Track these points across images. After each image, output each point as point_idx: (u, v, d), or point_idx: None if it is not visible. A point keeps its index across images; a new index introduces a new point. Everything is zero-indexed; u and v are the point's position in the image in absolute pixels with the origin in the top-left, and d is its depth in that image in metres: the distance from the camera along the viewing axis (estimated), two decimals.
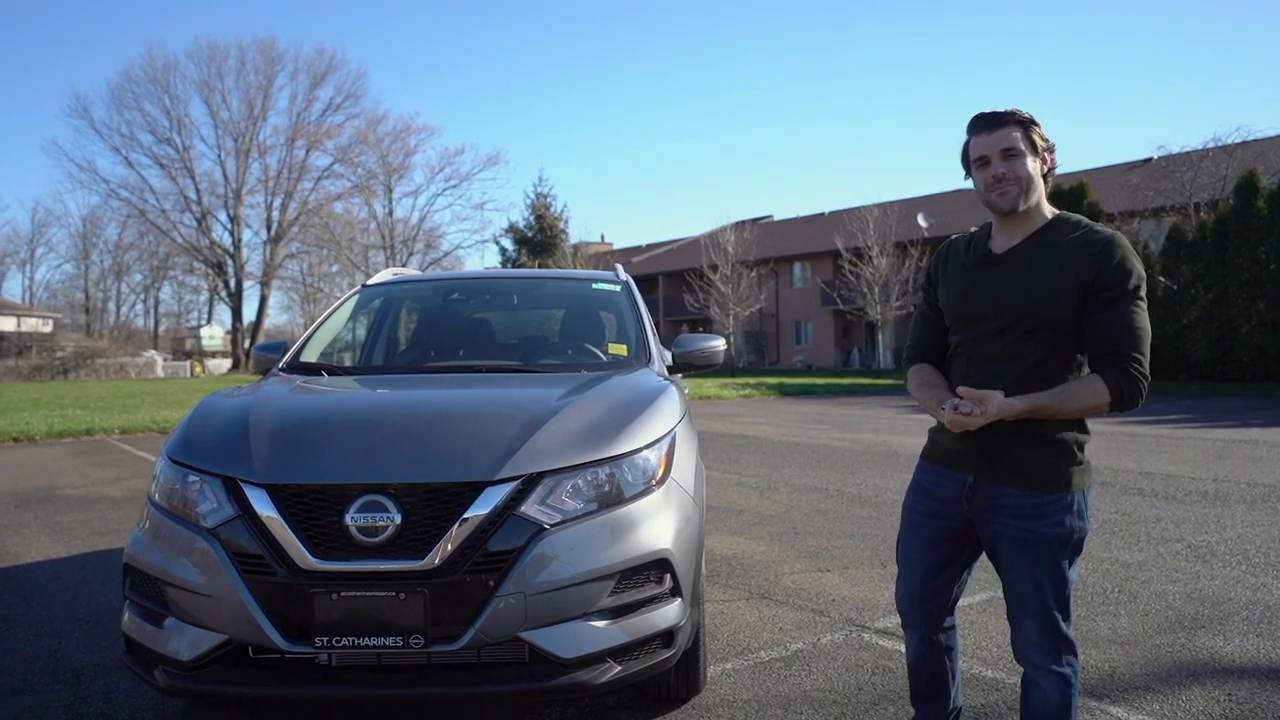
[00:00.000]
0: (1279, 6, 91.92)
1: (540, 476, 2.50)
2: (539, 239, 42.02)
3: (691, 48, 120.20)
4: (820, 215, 48.87)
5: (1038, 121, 2.12)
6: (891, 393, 21.58)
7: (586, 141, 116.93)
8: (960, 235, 2.35)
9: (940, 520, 2.26)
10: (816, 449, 10.42)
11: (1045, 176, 2.16)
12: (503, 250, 43.91)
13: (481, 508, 2.41)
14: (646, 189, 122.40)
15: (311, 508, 2.43)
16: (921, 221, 35.76)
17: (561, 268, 35.56)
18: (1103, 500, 6.68)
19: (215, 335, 64.13)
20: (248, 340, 55.80)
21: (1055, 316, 2.08)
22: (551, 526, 2.45)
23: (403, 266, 41.65)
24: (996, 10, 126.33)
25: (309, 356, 3.90)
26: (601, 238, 59.94)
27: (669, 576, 2.59)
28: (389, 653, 2.39)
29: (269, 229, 57.96)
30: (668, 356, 4.04)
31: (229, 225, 57.66)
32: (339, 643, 2.35)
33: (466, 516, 2.40)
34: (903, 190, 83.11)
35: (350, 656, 2.42)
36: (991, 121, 2.12)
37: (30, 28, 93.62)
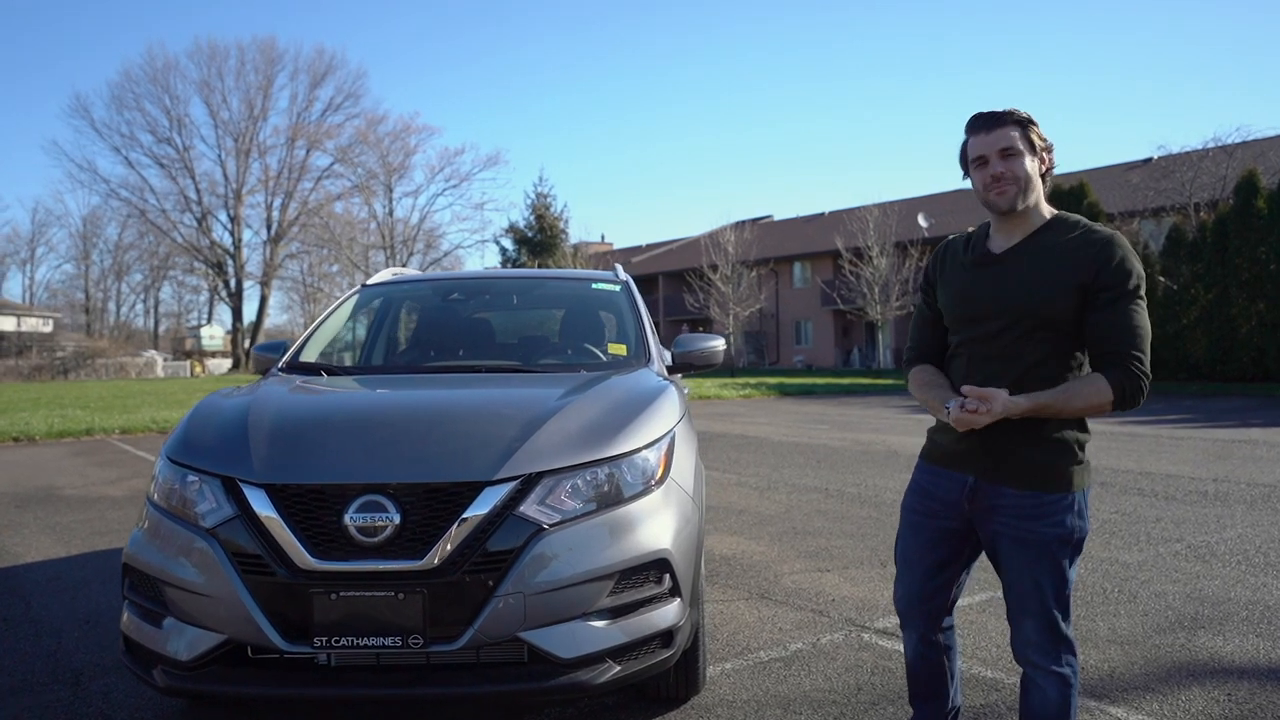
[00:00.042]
0: (1279, 6, 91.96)
1: (539, 476, 2.50)
2: (539, 239, 42.01)
3: (691, 48, 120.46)
4: (820, 215, 48.88)
5: (1036, 121, 2.12)
6: (891, 393, 21.57)
7: (586, 141, 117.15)
8: (958, 235, 2.35)
9: (940, 520, 2.26)
10: (816, 449, 10.42)
11: (1043, 176, 2.16)
12: (503, 250, 43.89)
13: (480, 508, 2.41)
14: (646, 189, 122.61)
15: (310, 508, 2.43)
16: (922, 221, 35.76)
17: (561, 268, 35.54)
18: (1103, 500, 6.68)
19: (215, 335, 64.15)
20: (248, 340, 55.79)
21: (1055, 316, 2.08)
22: (550, 526, 2.45)
23: (403, 266, 41.64)
24: (996, 10, 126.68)
25: (308, 356, 3.90)
26: (602, 238, 60.02)
27: (668, 576, 2.58)
28: (388, 653, 2.39)
29: (269, 229, 58.07)
30: (667, 356, 4.04)
31: (229, 225, 57.79)
32: (338, 643, 2.35)
33: (465, 516, 2.40)
34: (903, 190, 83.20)
35: (349, 656, 2.42)
36: (990, 121, 2.12)
37: (30, 28, 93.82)
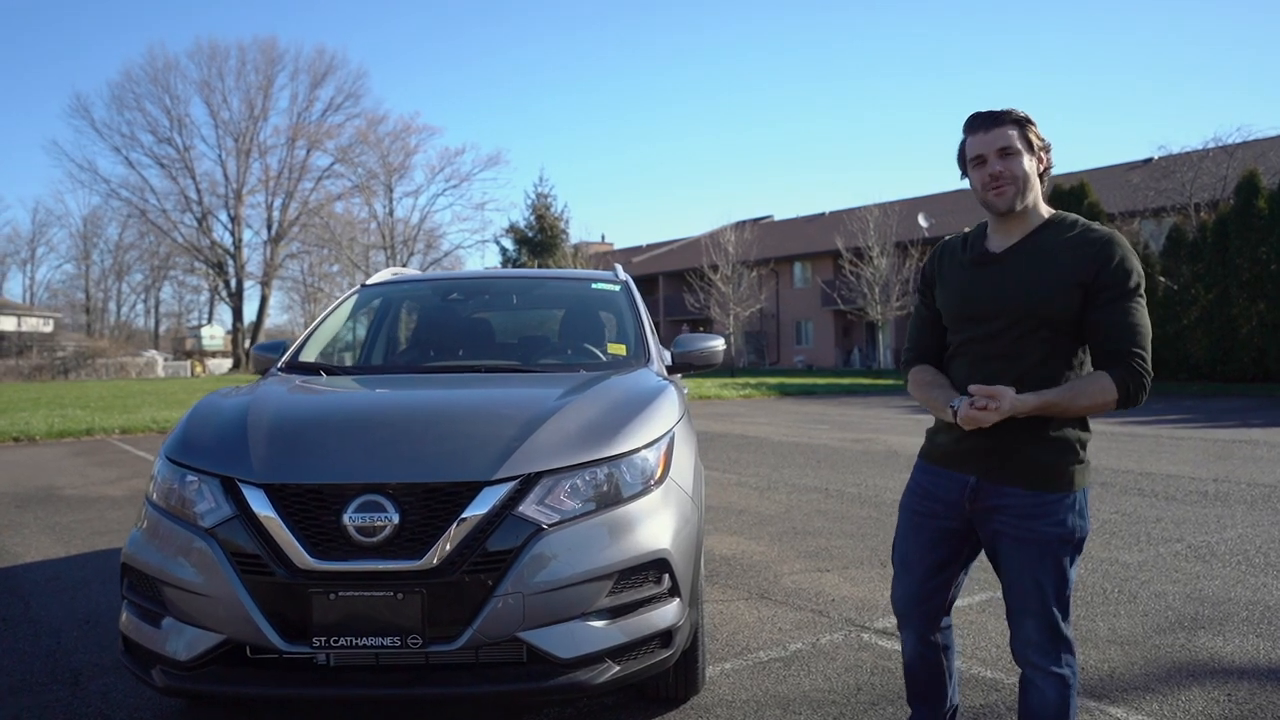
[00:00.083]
0: (1279, 6, 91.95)
1: (538, 476, 2.50)
2: (539, 239, 41.99)
3: (691, 48, 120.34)
4: (821, 215, 48.87)
5: (1034, 120, 2.13)
6: (892, 393, 21.57)
7: (586, 141, 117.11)
8: (955, 235, 2.35)
9: (940, 521, 2.26)
10: (816, 449, 10.42)
11: (1041, 176, 2.16)
12: (503, 250, 43.87)
13: (479, 508, 2.41)
14: (647, 189, 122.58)
15: (309, 507, 2.42)
16: (922, 221, 35.74)
17: (562, 268, 35.54)
18: (1103, 500, 6.68)
19: (216, 335, 64.16)
20: (248, 340, 55.78)
21: (1055, 315, 2.08)
22: (550, 526, 2.44)
23: (403, 266, 41.63)
24: (996, 10, 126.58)
25: (308, 356, 3.90)
26: (602, 238, 60.02)
27: (667, 576, 2.58)
28: (387, 653, 2.38)
29: (269, 229, 58.07)
30: (667, 356, 4.04)
31: (229, 225, 57.80)
32: (337, 643, 2.35)
33: (464, 516, 2.39)
34: (903, 190, 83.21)
35: (348, 656, 2.42)
36: (988, 120, 2.12)
37: (30, 28, 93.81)
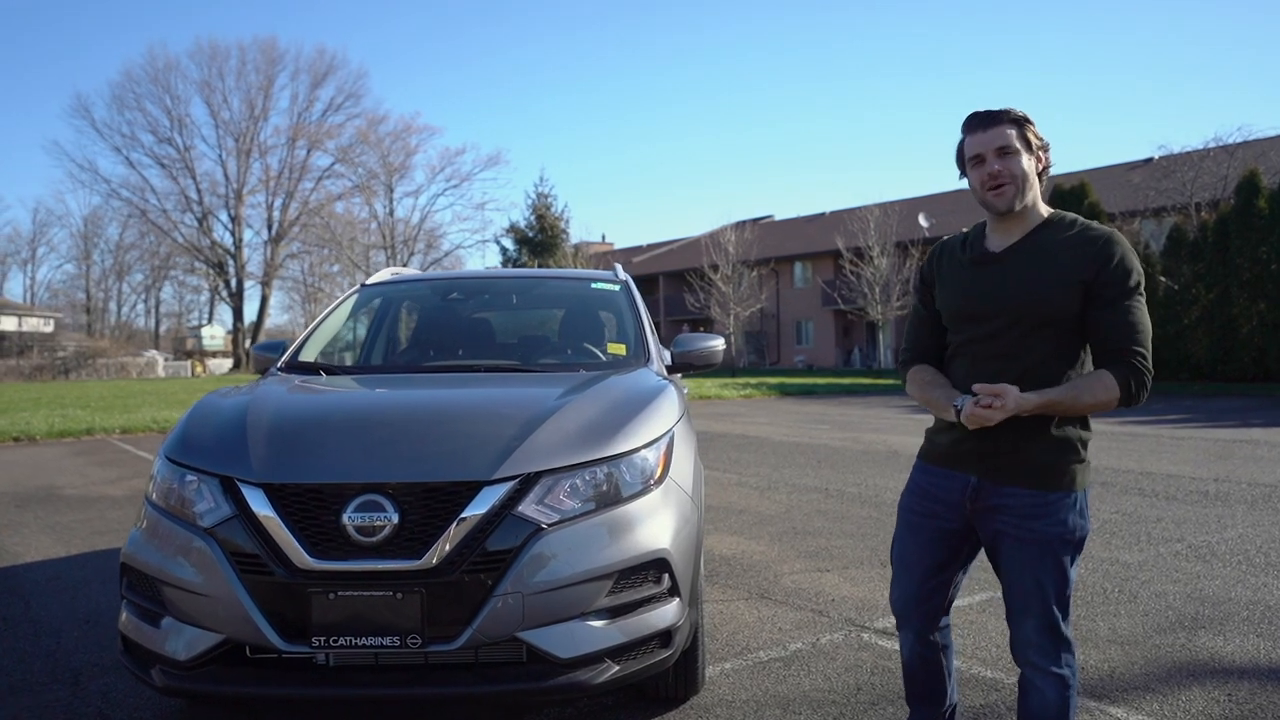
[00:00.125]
0: (1279, 6, 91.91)
1: (538, 476, 2.50)
2: (540, 239, 41.97)
3: (691, 48, 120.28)
4: (821, 215, 48.86)
5: (1031, 120, 2.13)
6: (892, 393, 21.57)
7: (587, 141, 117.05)
8: (953, 235, 2.35)
9: (940, 521, 2.25)
10: (817, 449, 10.41)
11: (1040, 175, 2.17)
12: (504, 250, 43.84)
13: (479, 507, 2.41)
14: (647, 189, 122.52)
15: (309, 507, 2.42)
16: (922, 221, 35.72)
17: (562, 268, 35.54)
18: (1103, 500, 6.67)
19: (216, 335, 64.15)
20: (249, 340, 55.76)
21: (1056, 314, 2.08)
22: (549, 526, 2.44)
23: (403, 266, 41.64)
24: (996, 10, 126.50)
25: (307, 356, 3.90)
26: (602, 238, 59.99)
27: (667, 576, 2.58)
28: (386, 652, 2.38)
29: (270, 229, 58.06)
30: (667, 356, 4.04)
31: (230, 225, 57.77)
32: (336, 642, 2.35)
33: (464, 516, 2.39)
34: (903, 190, 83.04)
35: (347, 656, 2.42)
36: (986, 120, 2.12)
37: (31, 28, 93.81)
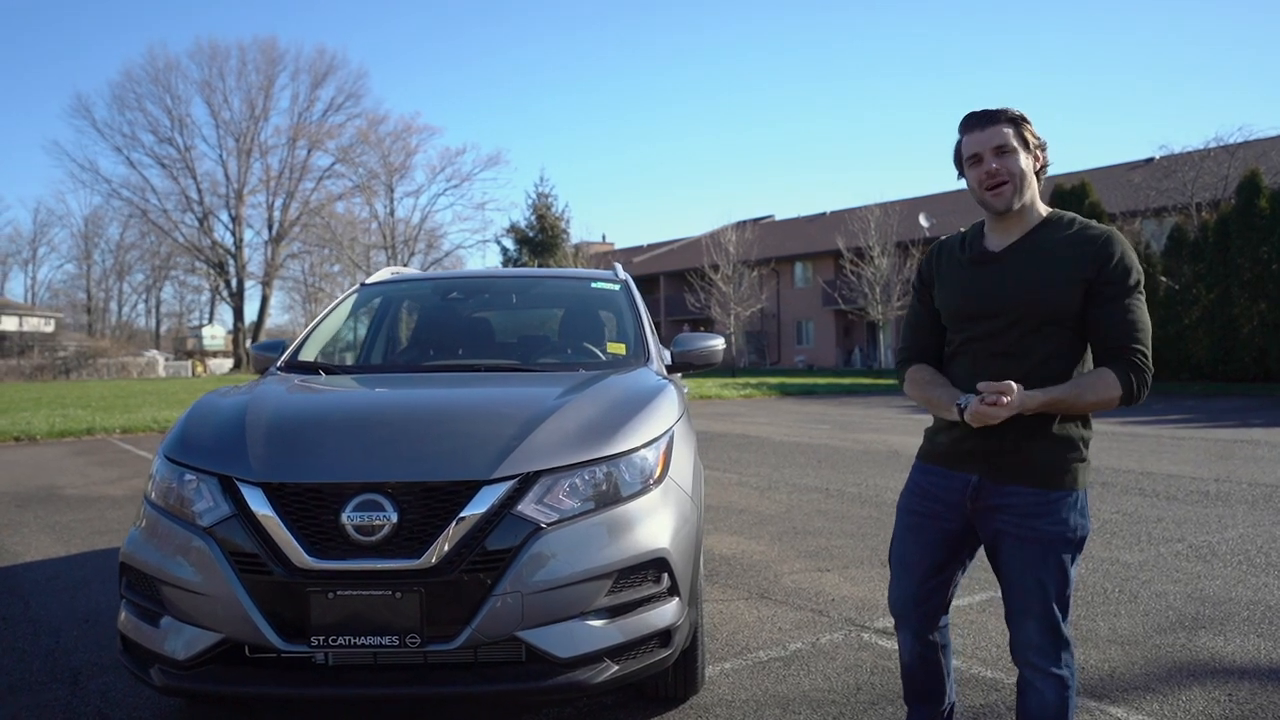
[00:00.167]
0: (1279, 6, 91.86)
1: (537, 475, 2.49)
2: (540, 239, 41.96)
3: (691, 48, 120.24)
4: (821, 215, 48.86)
5: (1028, 119, 2.14)
6: (893, 393, 21.56)
7: (587, 141, 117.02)
8: (951, 235, 2.35)
9: (940, 521, 2.25)
10: (817, 449, 10.41)
11: (1038, 174, 2.17)
12: (504, 250, 43.83)
13: (478, 507, 2.40)
14: (647, 189, 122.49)
15: (308, 507, 2.42)
16: (923, 221, 35.72)
17: (563, 267, 35.52)
18: (1103, 500, 6.67)
19: (217, 335, 64.15)
20: (249, 340, 55.66)
21: (1057, 313, 2.09)
22: (548, 525, 2.44)
23: (403, 266, 41.56)
24: (996, 10, 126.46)
25: (307, 355, 3.90)
26: (603, 237, 59.95)
27: (666, 576, 2.58)
28: (385, 652, 2.38)
29: (270, 229, 58.07)
30: (667, 356, 4.04)
31: (230, 225, 57.76)
32: (335, 642, 2.34)
33: (463, 515, 2.39)
34: (904, 190, 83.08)
35: (347, 656, 2.41)
36: (983, 119, 2.13)
37: (31, 28, 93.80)
